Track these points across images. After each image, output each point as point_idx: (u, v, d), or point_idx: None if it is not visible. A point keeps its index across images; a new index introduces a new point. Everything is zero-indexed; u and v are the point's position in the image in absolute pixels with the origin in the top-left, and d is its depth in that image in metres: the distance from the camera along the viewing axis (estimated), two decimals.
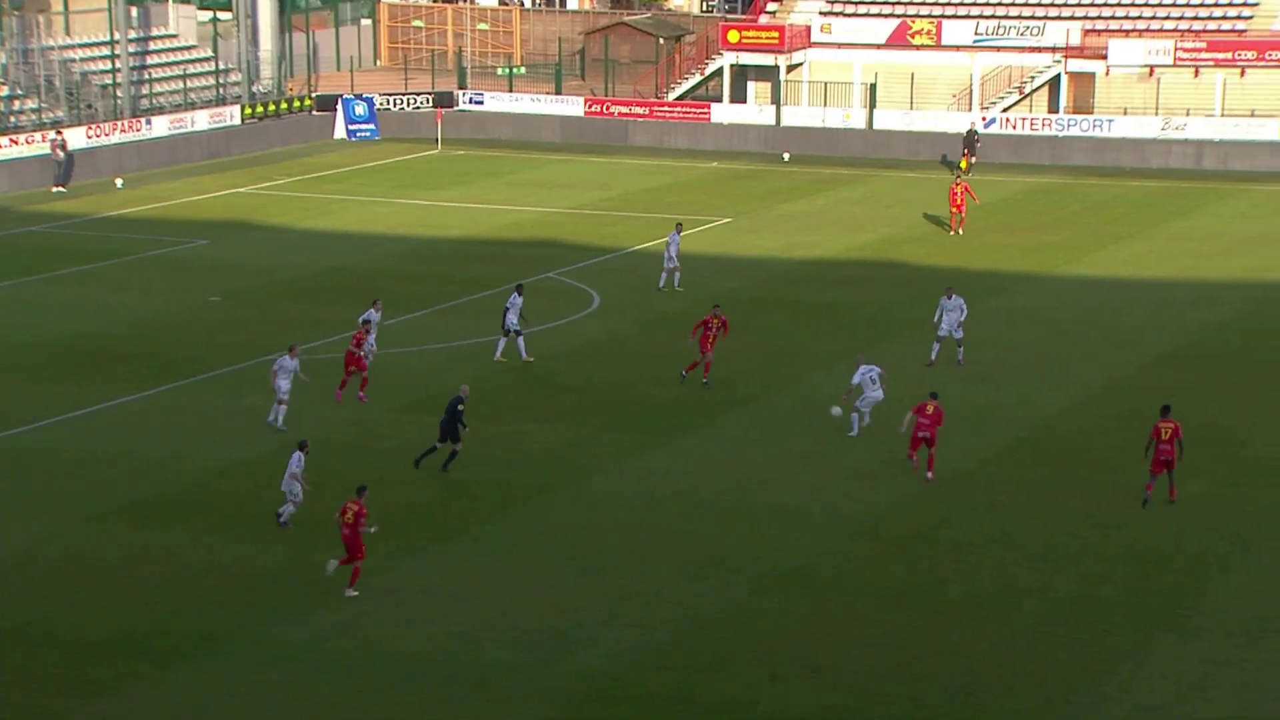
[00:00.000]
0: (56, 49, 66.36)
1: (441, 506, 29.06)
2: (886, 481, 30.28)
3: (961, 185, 51.61)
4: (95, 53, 68.49)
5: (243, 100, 70.80)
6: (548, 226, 54.56)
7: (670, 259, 44.45)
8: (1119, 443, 32.26)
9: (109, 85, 66.69)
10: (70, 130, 61.76)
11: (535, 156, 68.63)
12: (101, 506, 28.71)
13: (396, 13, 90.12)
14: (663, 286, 44.53)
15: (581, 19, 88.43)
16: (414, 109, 73.74)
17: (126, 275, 46.65)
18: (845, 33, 72.64)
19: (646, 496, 29.64)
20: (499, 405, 34.94)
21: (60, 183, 59.77)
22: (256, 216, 55.79)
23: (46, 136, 60.66)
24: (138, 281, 45.82)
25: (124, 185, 60.39)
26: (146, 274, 46.27)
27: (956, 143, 67.14)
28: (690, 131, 71.21)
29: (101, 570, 26.18)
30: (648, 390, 35.99)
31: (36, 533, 27.49)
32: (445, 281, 46.22)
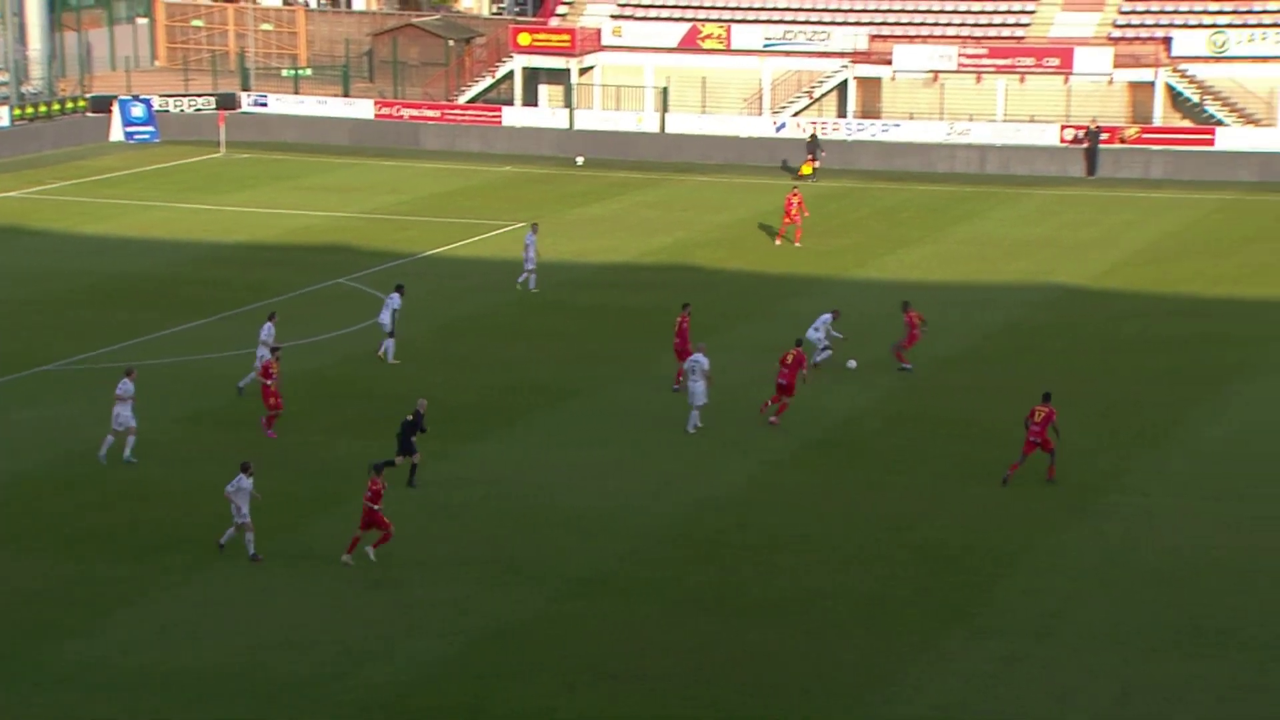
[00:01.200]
0: None
1: (228, 520, 28.47)
2: (686, 486, 30.59)
3: (798, 195, 52.12)
4: None
5: (11, 101, 68.54)
6: (338, 231, 53.90)
7: (529, 260, 44.66)
8: (910, 444, 33.09)
9: None
10: None
11: (324, 160, 67.74)
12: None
13: (175, 12, 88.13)
14: (520, 285, 44.75)
15: (369, 20, 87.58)
16: (195, 111, 72.21)
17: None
18: (636, 36, 73.20)
19: (442, 505, 29.48)
20: (288, 414, 34.38)
21: None
22: (29, 221, 54.06)
23: None
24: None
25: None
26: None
27: (750, 146, 68.22)
28: (482, 135, 71.02)
29: None
30: (442, 397, 35.76)
31: None
32: (232, 288, 45.35)
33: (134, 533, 27.82)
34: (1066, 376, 37.30)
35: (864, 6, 72.89)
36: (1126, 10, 69.98)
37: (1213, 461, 31.82)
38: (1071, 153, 65.45)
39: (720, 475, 31.20)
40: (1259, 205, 58.01)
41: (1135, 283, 46.89)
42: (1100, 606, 25.30)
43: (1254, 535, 28.12)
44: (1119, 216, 56.73)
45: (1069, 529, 28.47)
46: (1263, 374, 37.56)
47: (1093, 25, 69.89)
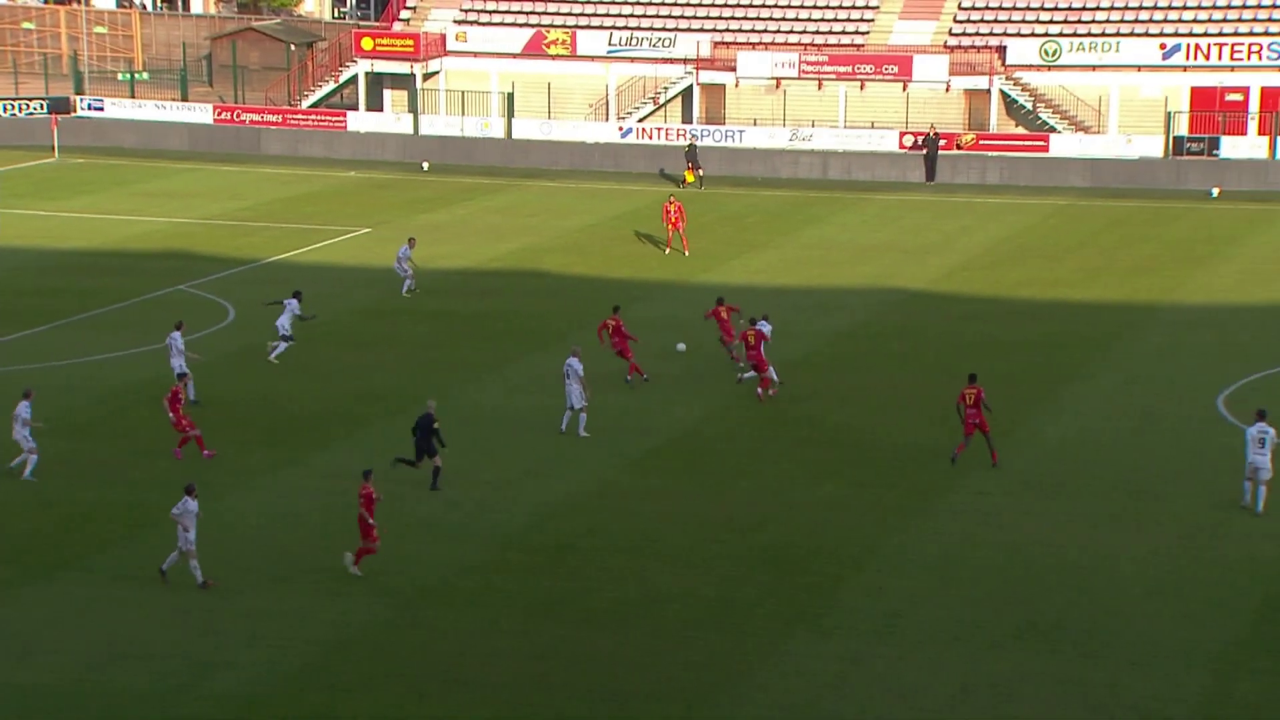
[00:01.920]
0: None
1: (64, 532, 27.86)
2: (532, 492, 30.55)
3: (675, 204, 52.05)
4: None
5: None
6: (178, 238, 52.95)
7: (403, 269, 44.91)
8: (754, 447, 33.40)
9: None
10: None
11: (163, 165, 66.51)
12: None
13: (4, 14, 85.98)
14: (407, 294, 44.94)
15: (207, 24, 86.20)
16: (27, 115, 70.48)
17: None
18: (481, 41, 72.98)
19: (285, 514, 29.10)
20: (128, 424, 33.70)
21: None
22: None
23: None
24: None
25: None
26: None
27: (596, 152, 68.40)
28: (326, 140, 70.29)
29: None
30: (285, 405, 35.35)
31: None
32: (68, 295, 44.32)
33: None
34: (909, 379, 37.94)
35: (707, 13, 73.48)
36: (962, 19, 71.39)
37: (1050, 461, 32.57)
38: (911, 159, 66.59)
39: (566, 481, 31.21)
40: (1091, 210, 59.54)
41: (974, 286, 47.83)
42: (941, 604, 25.76)
43: (1089, 532, 28.84)
44: (957, 221, 57.85)
45: (911, 529, 28.94)
46: (1097, 375, 38.53)
47: (930, 33, 71.21)
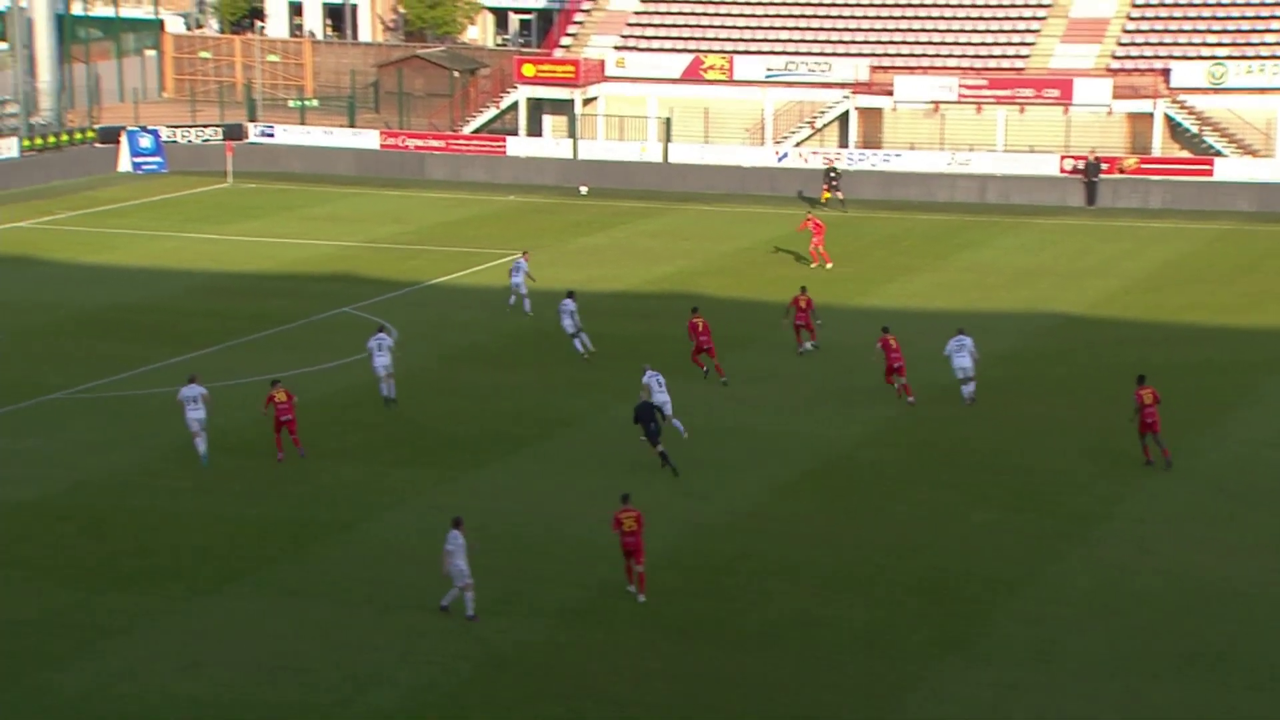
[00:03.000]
0: None
1: (233, 547, 28.48)
2: (684, 513, 30.53)
3: (813, 219, 52.86)
4: None
5: (20, 132, 68.75)
6: (343, 261, 53.97)
7: (518, 285, 45.82)
8: (909, 472, 33.02)
9: None
10: None
11: (329, 190, 67.89)
12: None
13: (183, 44, 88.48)
14: (512, 305, 45.87)
15: (374, 51, 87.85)
16: (203, 141, 72.42)
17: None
18: (639, 67, 73.40)
19: (441, 532, 29.37)
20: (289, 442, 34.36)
21: None
22: (37, 252, 54.14)
23: None
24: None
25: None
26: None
27: (752, 176, 68.42)
28: (487, 165, 71.18)
29: None
30: (443, 426, 35.78)
31: None
32: (236, 317, 45.39)
33: (130, 562, 27.75)
34: (1065, 404, 37.26)
35: (865, 38, 73.07)
36: (1126, 42, 70.10)
37: (1210, 488, 31.73)
38: (1071, 183, 65.48)
39: (719, 503, 31.14)
40: (1257, 235, 58.01)
41: (1134, 311, 46.85)
42: (1099, 633, 25.20)
43: (1249, 560, 28.02)
44: (1118, 246, 56.73)
45: (1067, 556, 28.37)
46: (1261, 401, 37.48)
47: (1092, 57, 70.02)
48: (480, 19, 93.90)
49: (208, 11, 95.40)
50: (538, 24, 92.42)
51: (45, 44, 73.77)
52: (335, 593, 26.57)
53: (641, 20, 76.03)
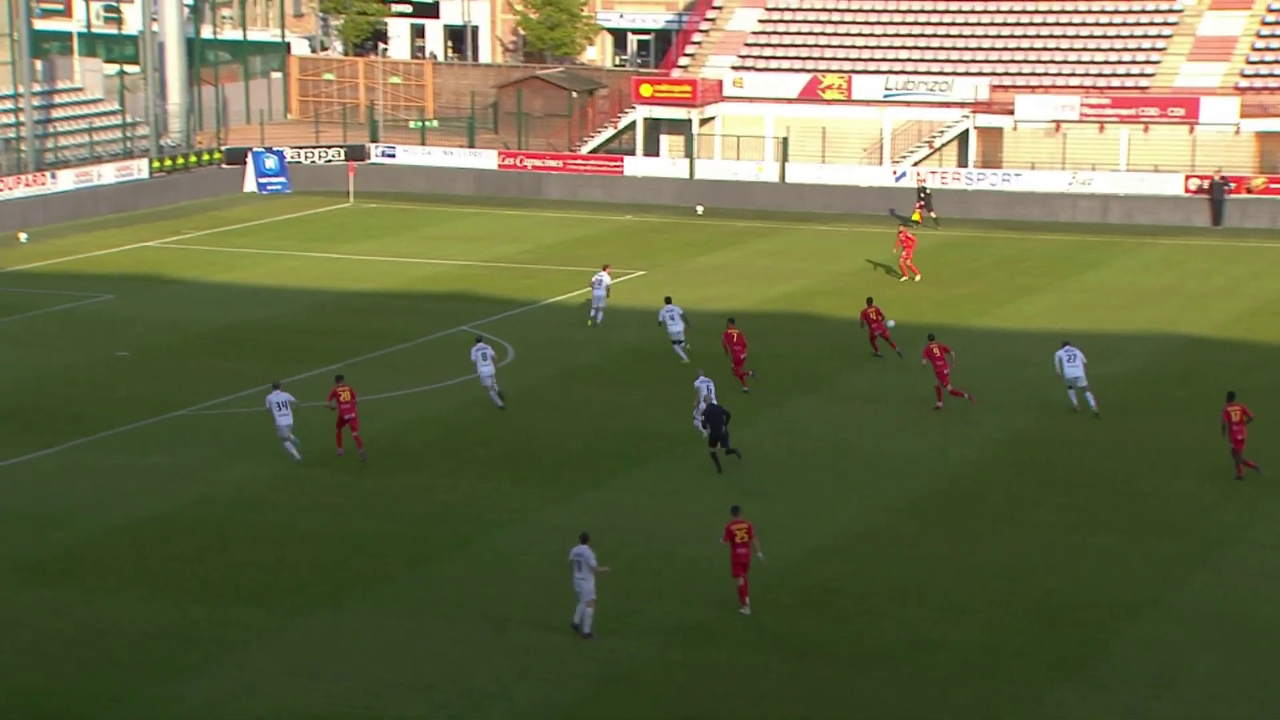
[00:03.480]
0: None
1: (351, 561, 28.93)
2: (796, 534, 30.50)
3: (905, 232, 53.43)
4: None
5: (150, 154, 70.42)
6: (462, 280, 54.59)
7: (598, 297, 46.96)
8: (1025, 494, 32.71)
9: (13, 139, 66.08)
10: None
11: (449, 209, 68.70)
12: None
13: (307, 66, 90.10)
14: (590, 322, 46.99)
15: (494, 72, 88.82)
16: (326, 162, 73.69)
17: (30, 331, 46.14)
18: (757, 87, 73.47)
19: (557, 550, 29.60)
20: (410, 458, 34.86)
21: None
22: (165, 270, 55.38)
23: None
24: (42, 337, 45.31)
25: (29, 240, 59.81)
26: (51, 329, 45.77)
27: (869, 196, 68.22)
28: (604, 184, 71.64)
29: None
30: (560, 443, 36.06)
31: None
32: (357, 336, 46.09)
33: (251, 576, 28.28)
34: (1188, 427, 36.68)
35: (986, 57, 72.56)
36: (1254, 60, 68.91)
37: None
38: (1196, 202, 64.46)
39: (833, 523, 31.07)
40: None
41: (1262, 333, 46.00)
42: (1223, 660, 24.79)
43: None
44: (1245, 266, 55.74)
45: (1186, 580, 27.94)
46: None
47: (1219, 75, 68.91)
48: (599, 40, 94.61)
49: (332, 34, 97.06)
50: (656, 44, 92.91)
51: (175, 67, 75.43)
52: (452, 609, 26.89)
53: (759, 40, 76.14)
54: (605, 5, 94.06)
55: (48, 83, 71.79)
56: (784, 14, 77.33)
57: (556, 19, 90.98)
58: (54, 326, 45.90)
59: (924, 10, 75.66)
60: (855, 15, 76.32)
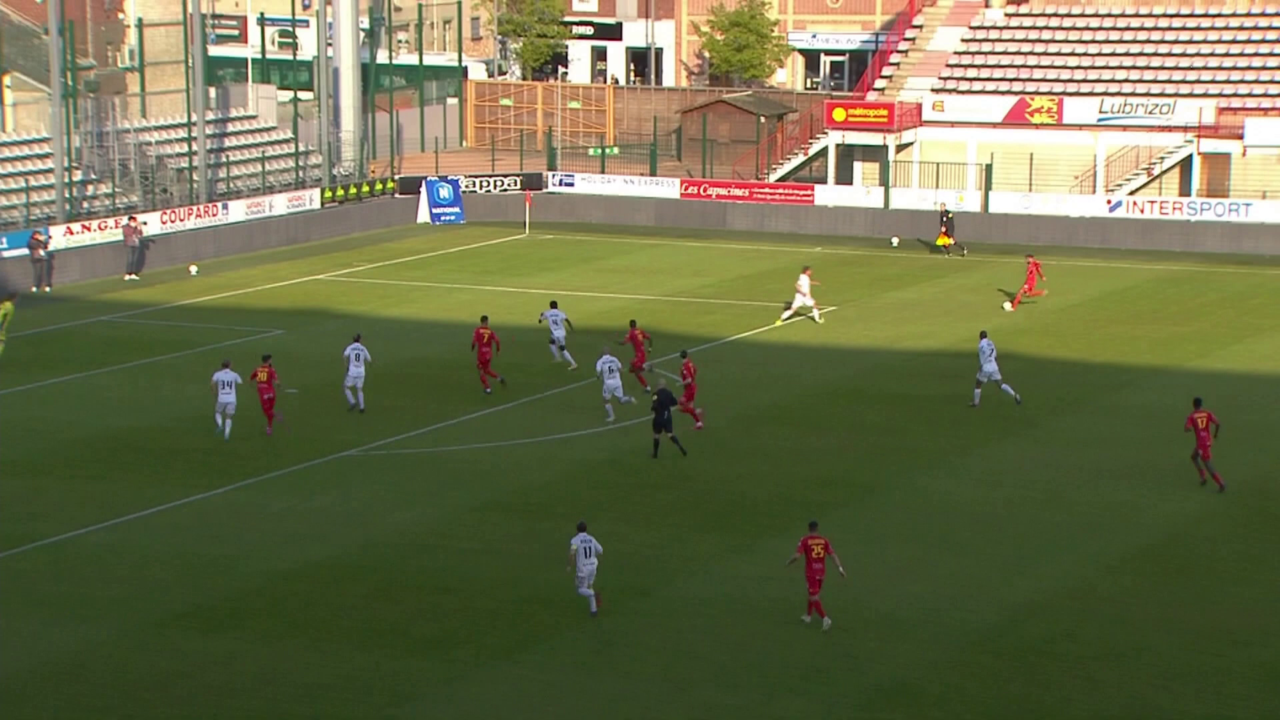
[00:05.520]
0: (132, 131, 67.96)
1: (524, 613, 29.01)
2: (1001, 589, 29.85)
3: (1034, 261, 53.49)
4: (172, 135, 70.09)
5: (323, 183, 72.03)
6: (641, 314, 54.63)
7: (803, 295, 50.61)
8: (1253, 551, 31.64)
9: (185, 169, 68.11)
10: (144, 216, 63.09)
11: (628, 241, 69.11)
12: (156, 613, 28.92)
13: (484, 91, 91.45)
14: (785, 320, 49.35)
15: (678, 97, 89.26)
16: (501, 191, 74.66)
17: (198, 367, 47.30)
18: (959, 110, 72.69)
19: (738, 602, 29.42)
20: (586, 503, 34.96)
21: (133, 270, 60.99)
22: (335, 304, 56.49)
23: (120, 222, 61.94)
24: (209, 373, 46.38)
25: (199, 273, 61.51)
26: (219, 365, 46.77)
27: (1080, 227, 67.04)
28: (792, 214, 71.43)
29: (156, 680, 26.27)
30: (742, 489, 35.86)
31: (88, 640, 27.72)
32: (530, 372, 46.45)
33: (420, 626, 28.50)
34: None
35: (1211, 76, 70.85)
36: None
37: None
38: None
39: (1038, 579, 30.36)
40: None
41: None
42: None
43: None
44: None
45: None
46: None
47: None
48: (789, 61, 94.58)
49: (510, 58, 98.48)
50: (850, 66, 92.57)
51: (350, 93, 77.08)
52: (630, 664, 26.81)
53: (963, 61, 75.38)
54: (797, 25, 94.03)
55: (221, 111, 73.90)
56: (989, 32, 76.47)
57: (744, 40, 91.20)
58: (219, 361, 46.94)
59: (1143, 27, 74.19)
60: (1067, 33, 75.14)
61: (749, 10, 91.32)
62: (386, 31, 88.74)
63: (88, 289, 58.59)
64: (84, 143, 66.19)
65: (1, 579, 30.27)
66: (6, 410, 42.06)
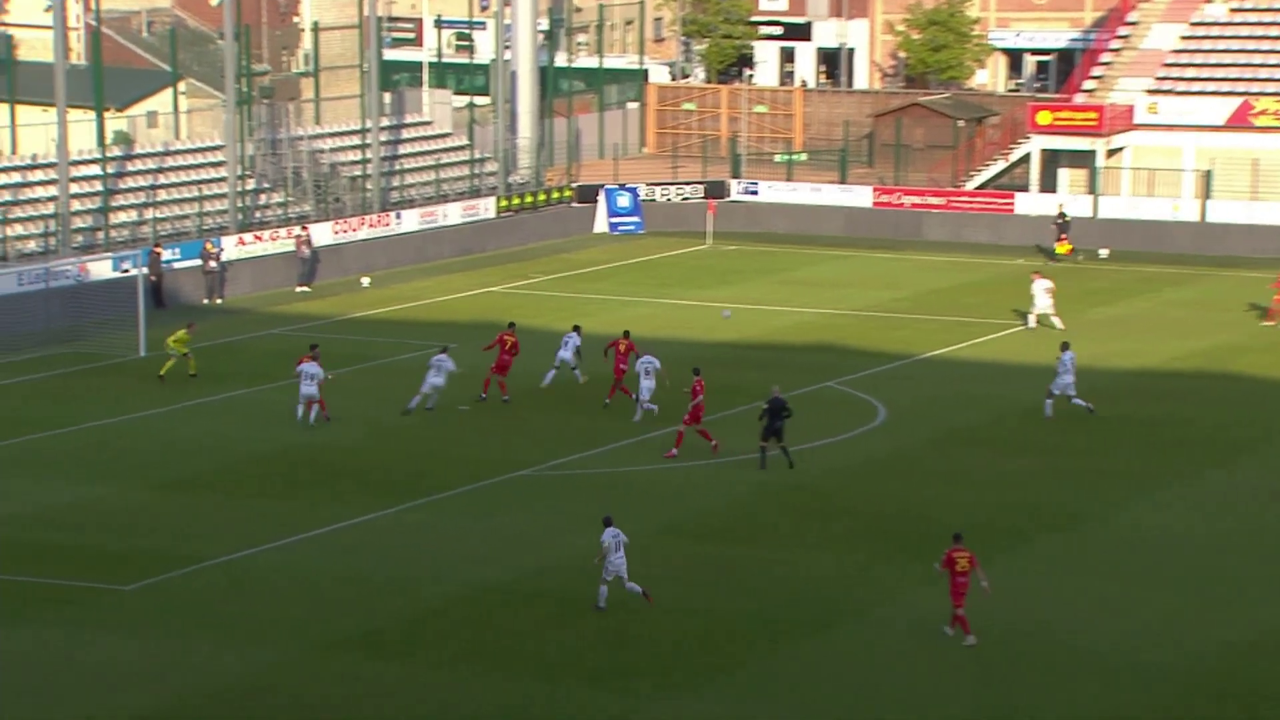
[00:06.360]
0: (305, 138, 69.69)
1: (704, 643, 29.28)
2: (1219, 627, 29.43)
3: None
4: (345, 142, 71.75)
5: (498, 191, 73.18)
6: (828, 330, 54.81)
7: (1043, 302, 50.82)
8: None
9: (358, 177, 69.70)
10: (316, 226, 64.64)
11: (815, 252, 69.13)
12: (329, 636, 29.62)
13: (667, 95, 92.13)
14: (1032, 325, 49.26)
15: (871, 100, 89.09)
16: (682, 200, 75.19)
17: (370, 381, 48.42)
18: (1175, 113, 71.56)
19: (929, 635, 29.39)
20: (765, 528, 35.19)
21: (304, 282, 62.55)
22: (509, 317, 57.31)
23: (291, 232, 63.59)
24: (381, 389, 47.50)
25: (371, 284, 62.83)
26: (390, 380, 47.93)
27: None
28: (991, 224, 70.89)
29: (329, 708, 26.87)
30: (935, 515, 35.76)
31: (262, 664, 28.50)
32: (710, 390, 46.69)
33: (596, 655, 28.80)
34: None
35: None
36: None
37: None
38: None
39: (1257, 614, 29.86)
40: None
41: None
42: None
43: None
44: None
45: None
46: None
47: None
48: (990, 62, 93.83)
49: (694, 60, 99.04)
50: (1057, 66, 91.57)
51: (527, 97, 78.22)
52: (811, 703, 26.86)
53: (1180, 60, 74.23)
54: (999, 23, 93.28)
55: (396, 116, 75.46)
56: (1210, 29, 75.19)
57: (943, 40, 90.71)
58: (392, 378, 48.06)
59: None
60: None
61: (948, 8, 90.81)
62: (566, 33, 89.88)
63: (259, 301, 60.20)
64: (257, 150, 68.08)
65: (174, 599, 31.37)
66: (177, 426, 43.54)
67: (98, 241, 60.46)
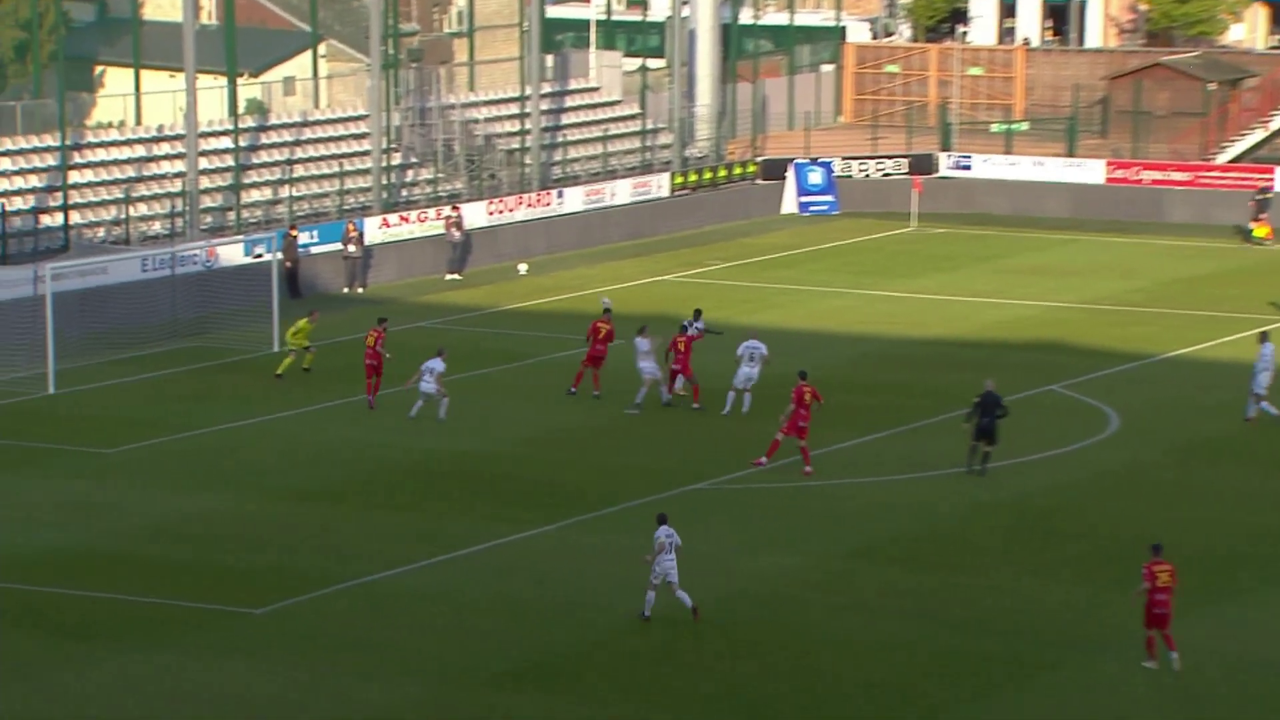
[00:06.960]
0: (458, 107, 70.34)
1: (906, 682, 29.11)
2: None
3: None
4: (502, 111, 72.29)
5: (673, 167, 73.30)
6: (1052, 325, 54.23)
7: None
8: None
9: (515, 150, 70.17)
10: (468, 206, 65.16)
11: (1037, 236, 68.45)
12: (482, 669, 29.82)
13: (867, 56, 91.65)
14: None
15: (1105, 60, 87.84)
16: (883, 176, 74.81)
17: (526, 382, 48.77)
18: None
19: (1180, 678, 28.92)
20: (981, 550, 34.88)
21: (455, 269, 63.20)
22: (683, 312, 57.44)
23: (441, 213, 64.19)
24: (539, 390, 47.81)
25: (528, 271, 63.27)
26: (550, 381, 48.23)
27: None
28: (1245, 203, 69.50)
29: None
30: (1176, 538, 35.11)
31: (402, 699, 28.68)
32: (913, 394, 46.49)
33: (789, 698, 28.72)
34: None
35: None
36: None
37: None
38: None
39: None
40: None
41: None
42: None
43: None
44: None
45: None
46: None
47: None
48: (1249, 14, 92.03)
49: (899, 16, 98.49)
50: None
51: (707, 60, 78.02)
52: None
53: None
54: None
55: (559, 82, 75.86)
56: None
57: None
58: (552, 378, 48.34)
59: None
60: None
61: None
62: None
63: (404, 290, 60.91)
64: (404, 120, 68.84)
65: (308, 623, 31.85)
66: (308, 430, 44.23)
67: (228, 223, 61.69)
